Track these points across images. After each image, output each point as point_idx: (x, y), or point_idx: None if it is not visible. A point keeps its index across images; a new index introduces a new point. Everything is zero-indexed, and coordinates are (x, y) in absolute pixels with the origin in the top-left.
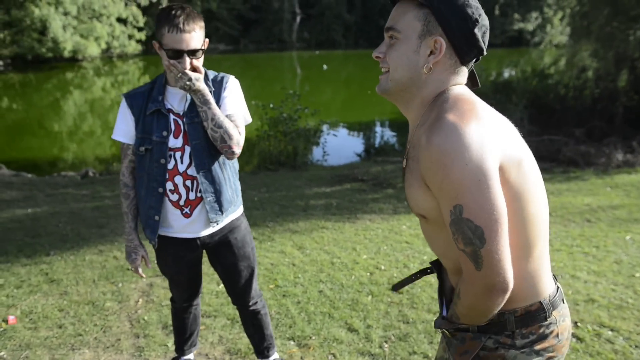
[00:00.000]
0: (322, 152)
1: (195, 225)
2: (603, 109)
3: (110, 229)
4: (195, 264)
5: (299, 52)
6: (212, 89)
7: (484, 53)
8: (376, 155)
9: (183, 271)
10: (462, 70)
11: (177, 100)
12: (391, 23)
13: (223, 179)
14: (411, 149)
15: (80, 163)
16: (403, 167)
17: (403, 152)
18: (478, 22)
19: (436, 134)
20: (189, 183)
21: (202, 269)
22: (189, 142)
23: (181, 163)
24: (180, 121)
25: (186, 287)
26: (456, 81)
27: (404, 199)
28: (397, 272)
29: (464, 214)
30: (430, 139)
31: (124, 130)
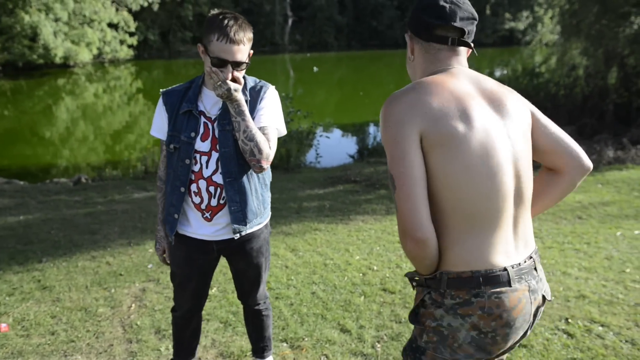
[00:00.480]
0: (315, 154)
1: (214, 229)
2: (593, 107)
3: (102, 235)
4: (206, 271)
5: (292, 55)
6: (249, 98)
7: (429, 29)
8: (369, 156)
9: (193, 276)
10: (440, 53)
11: (211, 103)
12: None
13: (250, 190)
14: None
15: (72, 169)
16: None
17: None
18: (422, 4)
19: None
20: (212, 189)
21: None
22: (218, 149)
23: (206, 168)
24: (210, 125)
25: (191, 296)
26: (437, 66)
27: None
28: (390, 273)
29: (388, 164)
30: None
31: (159, 126)
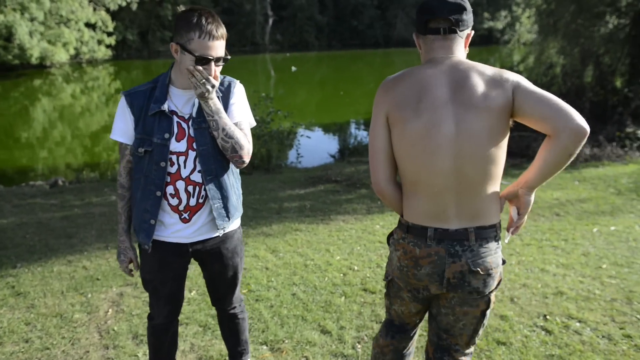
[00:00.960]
0: (296, 154)
1: (191, 231)
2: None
3: (79, 239)
4: (180, 274)
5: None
6: (220, 94)
7: (424, 24)
8: (350, 156)
9: (166, 280)
10: (435, 42)
11: (183, 102)
12: None
13: (229, 185)
14: None
15: (50, 172)
16: None
17: None
18: (418, 5)
19: None
20: (191, 189)
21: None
22: (195, 147)
23: (184, 168)
24: (185, 124)
25: (167, 301)
26: (430, 55)
27: (377, 199)
28: (370, 272)
29: None
30: None
31: (123, 129)
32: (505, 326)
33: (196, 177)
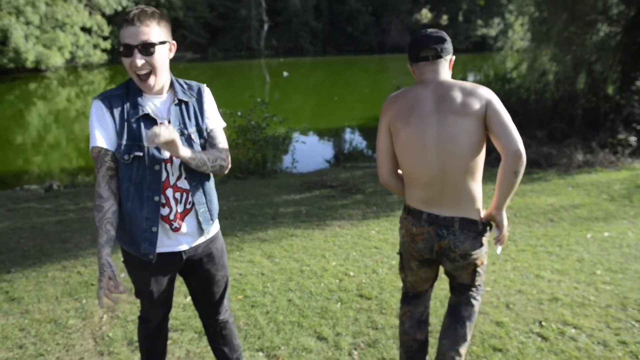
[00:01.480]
0: (292, 160)
1: (182, 238)
2: (563, 111)
3: (74, 244)
4: (172, 278)
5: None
6: (194, 97)
7: (416, 54)
8: (345, 161)
9: (162, 288)
10: (425, 67)
11: (158, 107)
12: None
13: (210, 189)
14: None
15: (45, 176)
16: None
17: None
18: (410, 41)
19: None
20: (178, 196)
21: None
22: None
23: (172, 175)
24: None
25: (163, 304)
26: (420, 77)
27: (373, 204)
28: (366, 278)
29: None
30: None
31: (104, 135)
32: (501, 332)
33: (182, 184)
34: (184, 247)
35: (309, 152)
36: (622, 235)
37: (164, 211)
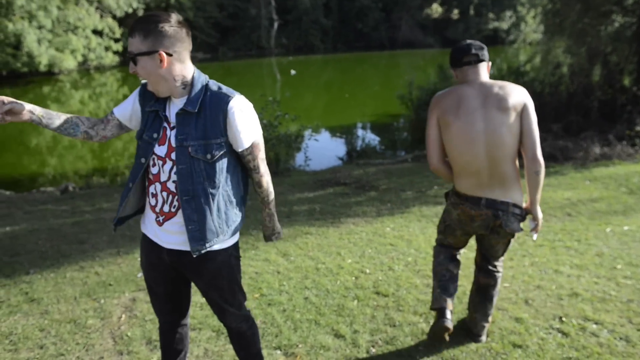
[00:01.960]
0: (304, 157)
1: (163, 235)
2: (579, 104)
3: (91, 244)
4: (173, 277)
5: (278, 58)
6: (206, 109)
7: (459, 59)
8: (358, 158)
9: (159, 281)
10: (468, 71)
11: (171, 110)
12: None
13: (209, 209)
14: None
15: (60, 178)
16: None
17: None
18: (454, 48)
19: None
20: (165, 195)
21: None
22: (174, 159)
23: (163, 172)
24: (169, 131)
25: (166, 300)
26: (464, 79)
27: (387, 201)
28: (382, 275)
29: None
30: None
31: (124, 106)
32: (520, 329)
33: (171, 186)
34: (164, 245)
35: (322, 150)
36: None
37: (152, 201)
